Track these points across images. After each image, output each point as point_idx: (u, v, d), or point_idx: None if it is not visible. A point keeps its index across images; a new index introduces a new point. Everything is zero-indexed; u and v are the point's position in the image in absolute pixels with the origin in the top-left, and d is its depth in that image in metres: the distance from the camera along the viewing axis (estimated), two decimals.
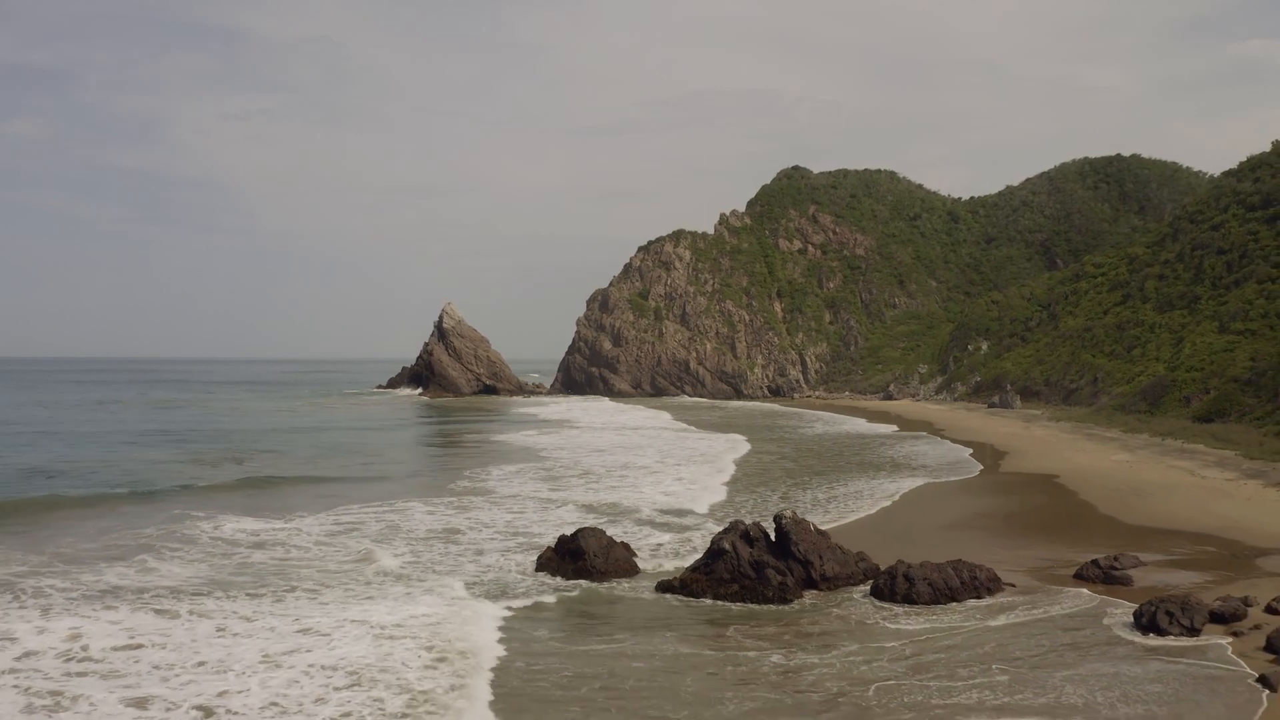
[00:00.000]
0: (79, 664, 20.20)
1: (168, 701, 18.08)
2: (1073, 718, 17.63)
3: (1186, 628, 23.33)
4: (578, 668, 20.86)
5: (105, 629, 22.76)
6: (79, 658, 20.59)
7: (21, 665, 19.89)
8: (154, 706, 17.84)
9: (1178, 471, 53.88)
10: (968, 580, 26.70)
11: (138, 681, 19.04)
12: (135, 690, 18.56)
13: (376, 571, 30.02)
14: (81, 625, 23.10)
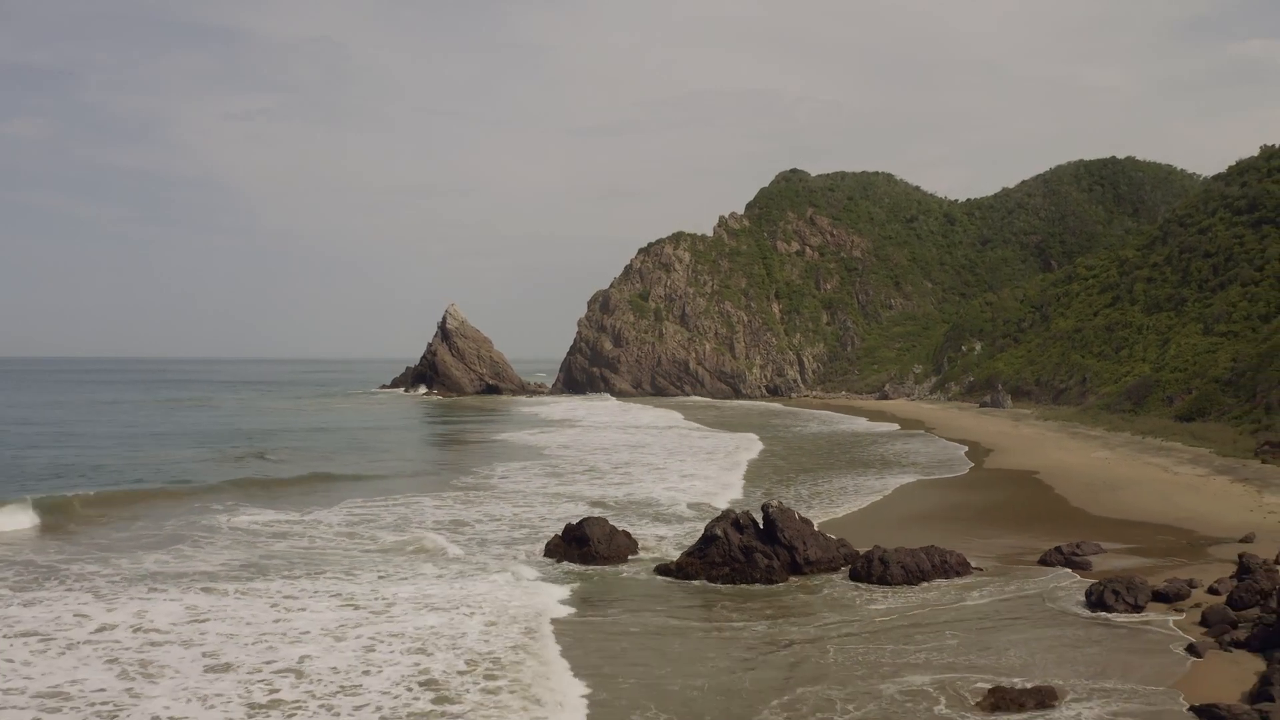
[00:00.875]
0: (151, 635, 22.75)
1: (250, 666, 20.56)
2: (1011, 675, 20.25)
3: (1131, 605, 25.98)
4: (593, 633, 23.60)
5: (164, 607, 25.37)
6: (148, 629, 23.20)
7: (100, 638, 22.46)
8: (238, 671, 20.27)
9: (1152, 468, 56.54)
10: (938, 563, 29.37)
11: (215, 650, 21.55)
12: (215, 659, 21.04)
13: (411, 554, 32.76)
14: (138, 604, 25.69)
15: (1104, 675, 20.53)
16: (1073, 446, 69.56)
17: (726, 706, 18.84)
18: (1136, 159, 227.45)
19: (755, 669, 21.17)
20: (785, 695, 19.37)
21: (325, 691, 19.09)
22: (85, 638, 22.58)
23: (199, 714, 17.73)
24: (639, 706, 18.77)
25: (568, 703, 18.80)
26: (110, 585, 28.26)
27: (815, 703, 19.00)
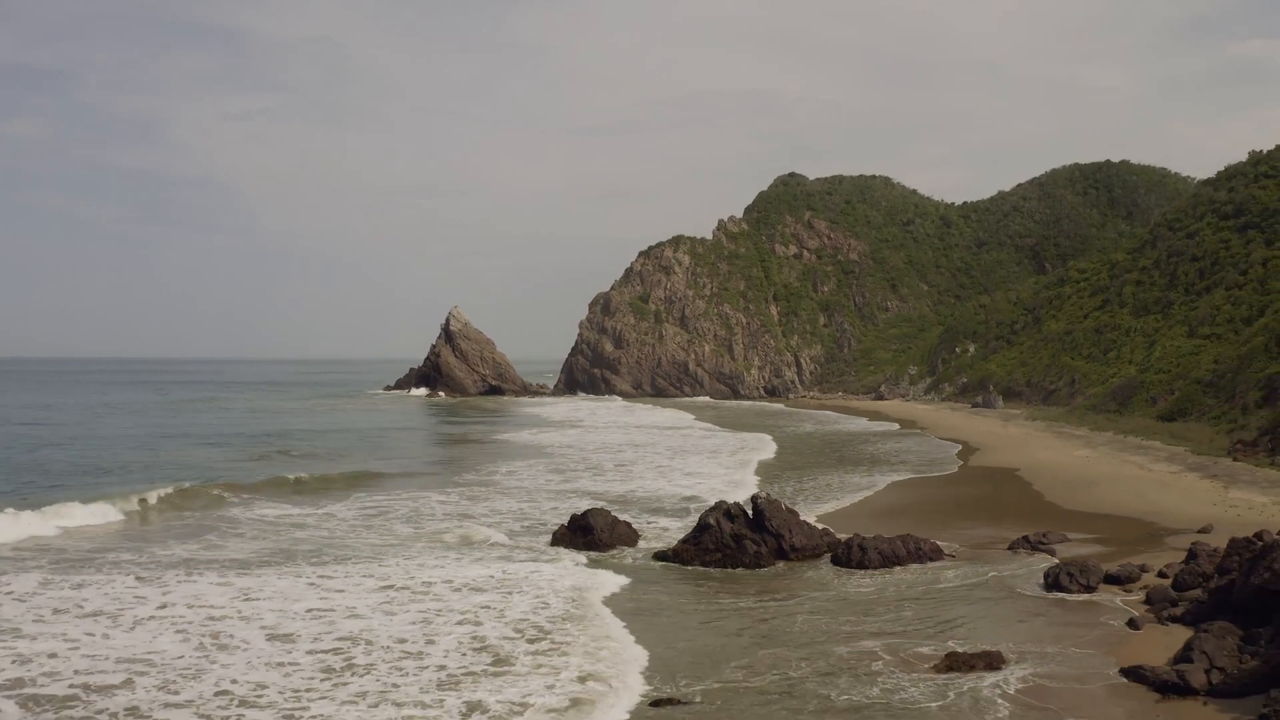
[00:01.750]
0: (207, 610, 25.46)
1: (311, 635, 23.20)
2: (964, 643, 22.95)
3: (1084, 586, 28.70)
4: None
5: (210, 588, 28.08)
6: (202, 605, 25.91)
7: (165, 614, 25.19)
8: (301, 640, 22.85)
9: (1129, 465, 59.24)
10: (912, 550, 32.09)
11: (274, 624, 24.17)
12: (276, 630, 23.72)
13: (427, 542, 35.50)
14: (184, 586, 28.37)
15: (1048, 644, 23.26)
16: (1056, 445, 72.27)
17: (697, 664, 21.62)
18: (1131, 162, 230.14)
19: (730, 636, 23.97)
20: (747, 657, 22.20)
21: (392, 657, 21.63)
22: (152, 613, 25.30)
23: (277, 679, 20.24)
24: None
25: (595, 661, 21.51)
26: (147, 570, 30.61)
27: (773, 661, 21.93)
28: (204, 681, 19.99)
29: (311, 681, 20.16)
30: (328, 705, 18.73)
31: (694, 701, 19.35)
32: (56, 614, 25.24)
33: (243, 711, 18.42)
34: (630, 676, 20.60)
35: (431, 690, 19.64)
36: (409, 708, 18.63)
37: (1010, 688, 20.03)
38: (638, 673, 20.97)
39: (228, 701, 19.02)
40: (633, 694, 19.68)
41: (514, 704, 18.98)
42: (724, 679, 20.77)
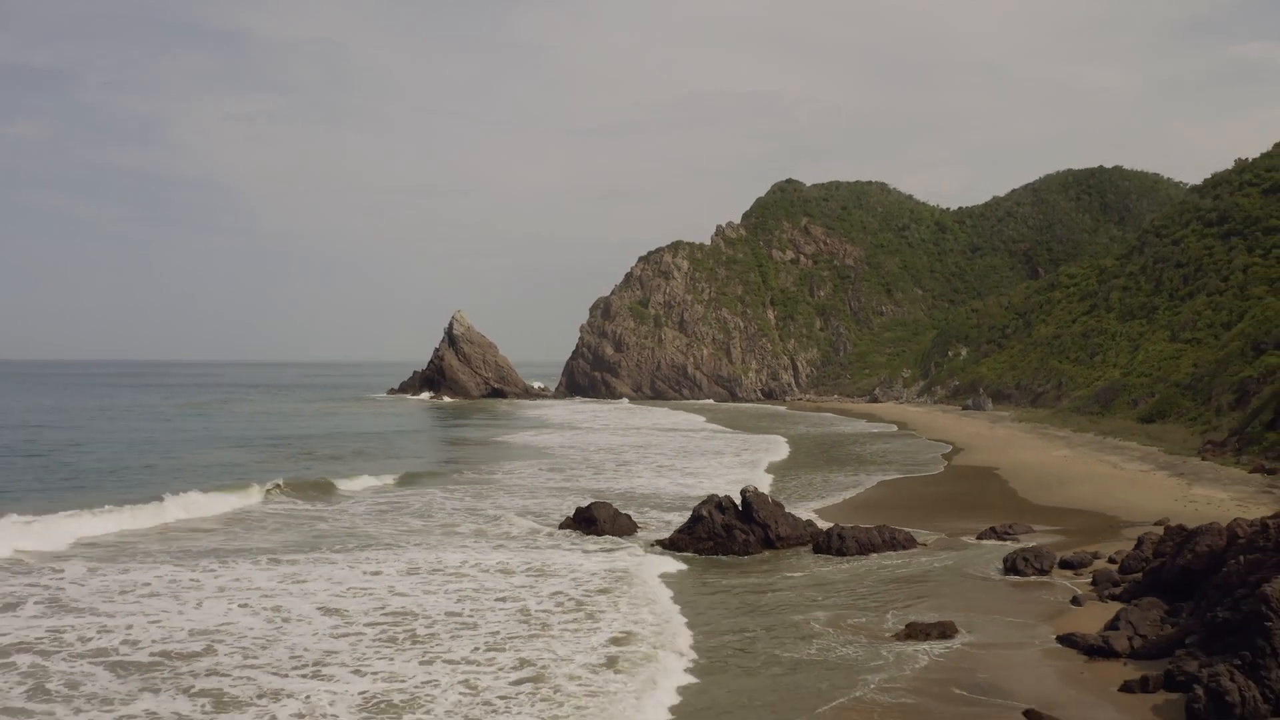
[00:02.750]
0: (256, 589, 28.57)
1: (359, 610, 26.18)
2: (923, 615, 26.09)
3: (1038, 569, 31.84)
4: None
5: (249, 571, 31.22)
6: (250, 587, 29.03)
7: (231, 586, 28.40)
8: (351, 614, 25.81)
9: (1103, 465, 62.37)
10: (887, 538, 35.25)
11: (325, 602, 27.12)
12: (326, 605, 26.75)
13: (445, 530, 38.65)
14: (225, 570, 31.46)
15: (998, 617, 26.41)
16: (1038, 446, 75.43)
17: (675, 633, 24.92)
18: (1124, 168, 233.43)
19: (704, 610, 27.20)
20: (713, 625, 25.43)
21: (449, 629, 24.56)
22: (214, 590, 28.47)
23: (343, 646, 23.13)
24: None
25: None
26: (180, 559, 33.27)
27: (736, 627, 25.34)
28: (276, 648, 22.99)
29: (375, 646, 23.16)
30: (392, 665, 21.71)
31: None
32: (154, 595, 28.34)
33: (319, 669, 21.44)
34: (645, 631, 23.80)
35: (483, 651, 22.79)
36: (463, 666, 21.70)
37: (935, 652, 23.21)
38: (627, 627, 24.16)
39: (300, 663, 22.00)
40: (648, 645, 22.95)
41: (560, 657, 22.35)
42: (693, 642, 24.03)
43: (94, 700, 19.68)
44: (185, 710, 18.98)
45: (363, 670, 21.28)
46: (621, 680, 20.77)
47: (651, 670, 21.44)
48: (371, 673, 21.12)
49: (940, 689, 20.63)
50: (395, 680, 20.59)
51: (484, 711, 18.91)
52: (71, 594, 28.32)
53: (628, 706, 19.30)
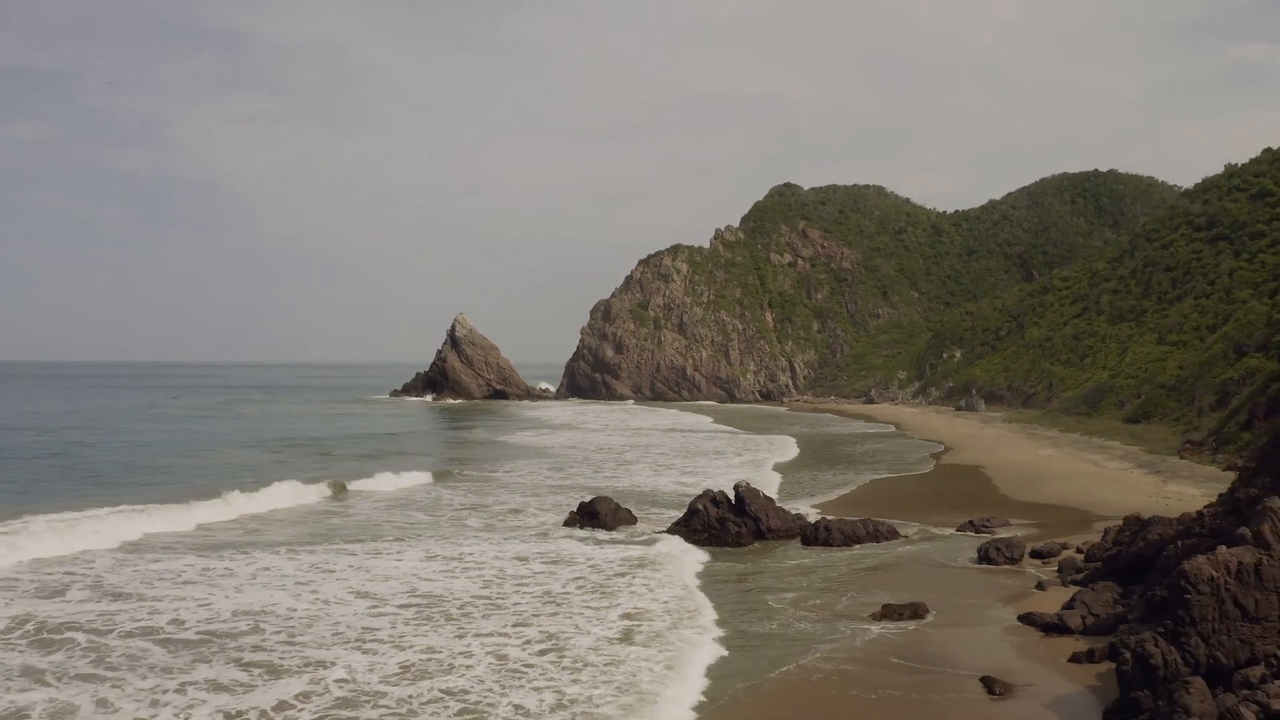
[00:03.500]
0: (287, 576, 30.96)
1: (391, 593, 28.59)
2: (886, 596, 28.55)
3: (1009, 558, 34.30)
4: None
5: (272, 559, 33.66)
6: (279, 572, 31.48)
7: (262, 575, 30.85)
8: (384, 597, 28.17)
9: (1085, 463, 64.82)
10: (871, 531, 37.71)
11: (357, 586, 29.48)
12: (356, 588, 29.17)
13: (455, 524, 41.11)
14: (252, 560, 33.86)
15: (967, 600, 28.88)
16: (1025, 445, 77.91)
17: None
18: (1119, 171, 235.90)
19: (711, 587, 29.73)
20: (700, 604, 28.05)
21: (482, 610, 26.93)
22: (249, 577, 30.95)
23: (382, 624, 25.49)
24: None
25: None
26: (200, 551, 35.47)
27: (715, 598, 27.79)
28: (319, 626, 25.40)
29: (411, 624, 25.59)
30: (428, 639, 24.15)
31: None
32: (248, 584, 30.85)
33: (360, 643, 23.85)
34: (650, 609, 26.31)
35: (511, 626, 25.36)
36: (494, 638, 24.18)
37: (894, 628, 25.72)
38: (624, 613, 26.68)
39: (342, 638, 24.39)
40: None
41: (577, 628, 25.05)
42: (708, 619, 26.57)
43: (153, 673, 22.08)
44: (241, 678, 21.40)
45: (401, 644, 23.68)
46: (637, 650, 23.30)
47: (659, 644, 23.92)
48: (410, 646, 23.53)
49: (881, 658, 23.15)
50: (432, 652, 23.02)
51: (513, 677, 21.37)
52: (118, 581, 30.80)
53: (639, 671, 21.79)
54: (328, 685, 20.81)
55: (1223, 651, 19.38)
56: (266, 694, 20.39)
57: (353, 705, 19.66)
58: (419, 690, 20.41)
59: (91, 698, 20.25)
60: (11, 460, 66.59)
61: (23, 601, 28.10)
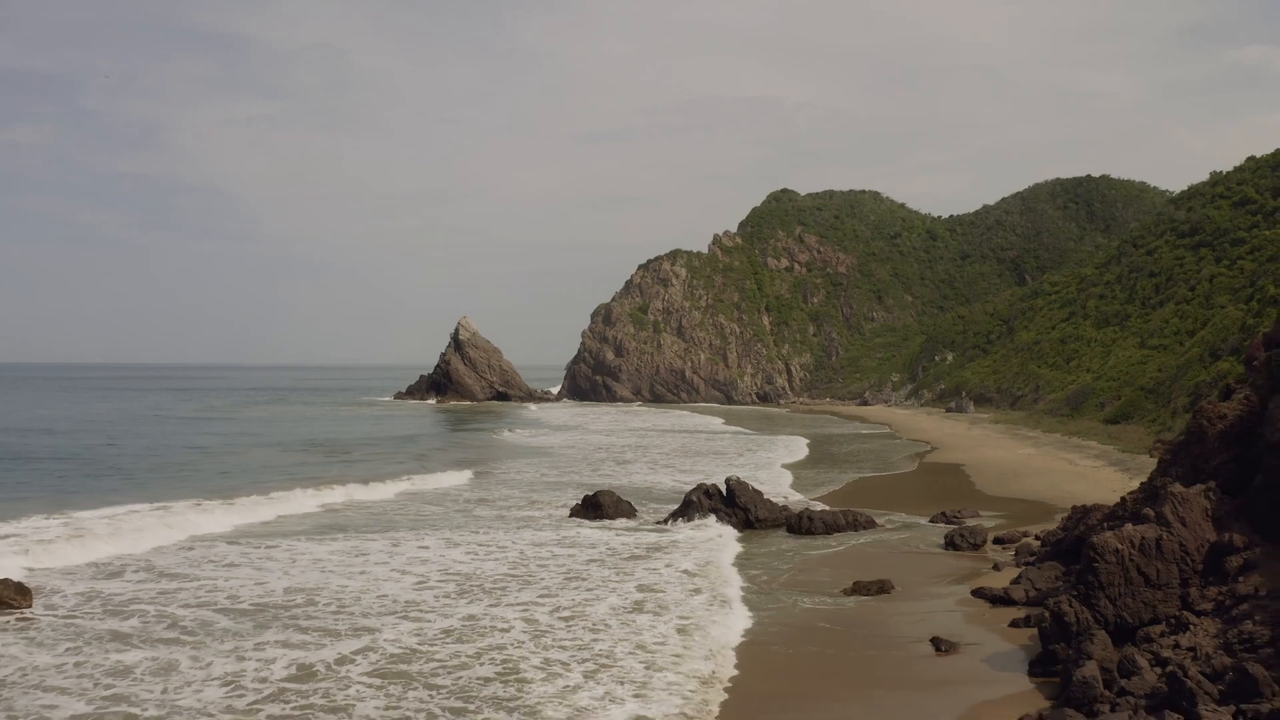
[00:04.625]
0: (326, 560, 34.86)
1: (425, 571, 32.39)
2: (858, 575, 32.40)
3: (972, 544, 38.18)
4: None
5: (307, 546, 37.53)
6: (320, 556, 35.34)
7: (295, 563, 34.71)
8: (418, 575, 31.89)
9: (1061, 461, 68.66)
10: (851, 520, 41.60)
11: (397, 567, 33.30)
12: (396, 569, 32.98)
13: (463, 515, 44.98)
14: (288, 547, 37.72)
15: (930, 578, 32.77)
16: (1007, 445, 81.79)
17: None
18: (1111, 177, 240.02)
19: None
20: (699, 583, 31.81)
21: (512, 585, 30.76)
22: (289, 562, 34.82)
23: (425, 597, 29.23)
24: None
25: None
26: (231, 540, 39.72)
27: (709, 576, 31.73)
28: (366, 599, 29.23)
29: (450, 598, 29.44)
30: (469, 608, 28.01)
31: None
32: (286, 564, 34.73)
33: (405, 613, 27.70)
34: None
35: (541, 597, 29.29)
36: (530, 608, 28.10)
37: (852, 601, 29.76)
38: (638, 585, 30.59)
39: (389, 610, 28.24)
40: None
41: (597, 598, 29.04)
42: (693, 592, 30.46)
43: (228, 637, 25.96)
44: (304, 640, 25.26)
45: (443, 613, 27.53)
46: (648, 618, 27.20)
47: (666, 611, 27.85)
48: (451, 615, 27.39)
49: (847, 624, 27.07)
50: (472, 619, 26.86)
51: (544, 636, 25.32)
52: (169, 564, 34.68)
53: (644, 630, 25.73)
54: (381, 645, 24.67)
55: (1128, 612, 23.27)
56: (329, 651, 24.23)
57: (406, 660, 23.52)
58: (463, 648, 24.30)
59: (185, 655, 24.12)
60: (44, 462, 70.34)
61: (85, 582, 31.86)
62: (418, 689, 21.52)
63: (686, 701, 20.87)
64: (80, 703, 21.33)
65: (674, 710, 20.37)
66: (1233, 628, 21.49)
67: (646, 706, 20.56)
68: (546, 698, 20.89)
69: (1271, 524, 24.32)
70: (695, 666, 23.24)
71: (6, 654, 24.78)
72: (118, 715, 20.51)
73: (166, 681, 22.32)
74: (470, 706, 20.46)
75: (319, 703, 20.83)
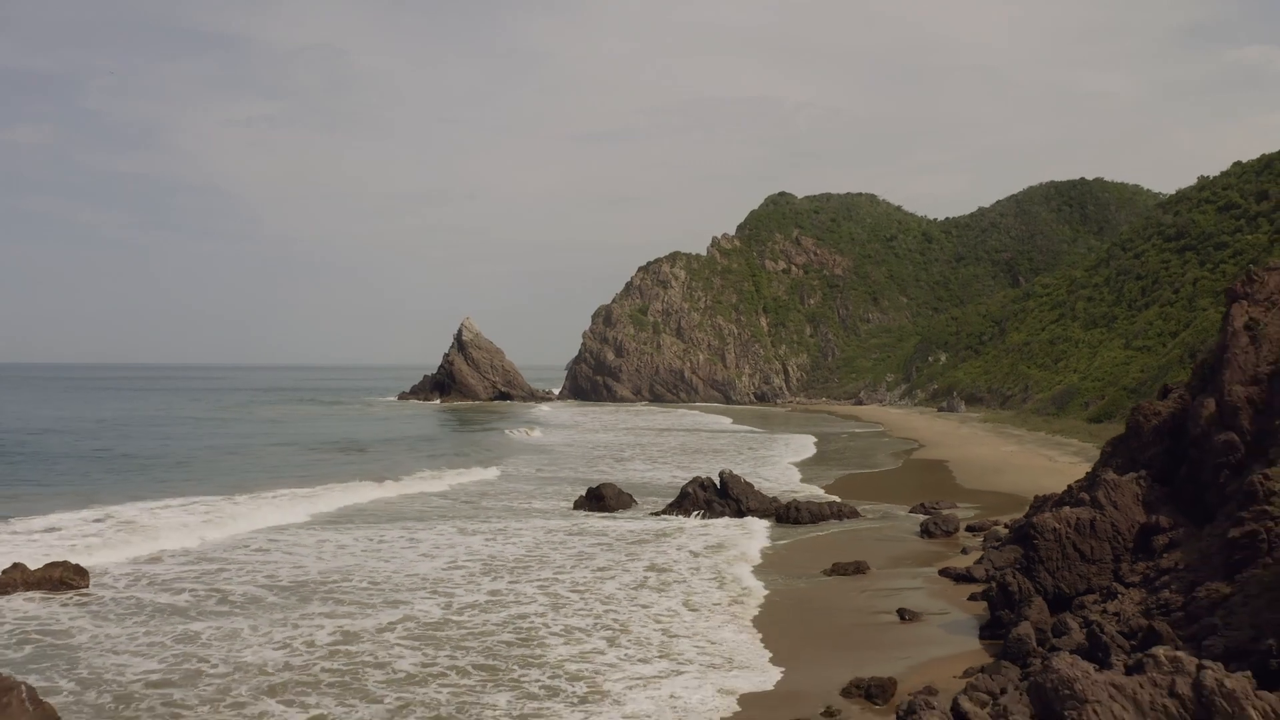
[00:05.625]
0: (353, 547, 38.33)
1: (450, 555, 36.04)
2: (838, 558, 35.82)
3: (945, 532, 41.59)
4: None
5: (341, 537, 40.97)
6: (345, 543, 38.79)
7: (322, 548, 38.19)
8: (443, 558, 35.42)
9: (1041, 458, 72.03)
10: (835, 510, 45.03)
11: (426, 551, 36.91)
12: (421, 554, 36.49)
13: (475, 506, 48.42)
14: (320, 535, 41.14)
15: (903, 560, 36.19)
16: (992, 443, 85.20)
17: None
18: (1105, 180, 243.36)
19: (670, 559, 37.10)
20: (700, 562, 35.24)
21: (531, 564, 34.30)
22: (314, 546, 38.26)
23: (453, 575, 32.76)
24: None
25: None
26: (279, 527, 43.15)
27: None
28: (397, 578, 32.68)
29: (474, 576, 32.94)
30: (493, 584, 31.56)
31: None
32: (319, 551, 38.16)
33: (435, 589, 31.14)
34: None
35: (557, 573, 32.97)
36: (548, 584, 31.68)
37: (839, 580, 33.15)
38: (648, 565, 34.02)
39: (420, 586, 31.67)
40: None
41: (609, 576, 32.66)
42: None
43: (275, 609, 29.38)
44: (346, 611, 28.67)
45: (470, 589, 31.10)
46: (649, 593, 30.77)
47: (669, 586, 31.32)
48: (477, 590, 31.00)
49: (825, 598, 30.49)
50: (496, 594, 30.44)
51: (563, 606, 28.85)
52: (210, 550, 38.12)
53: (656, 603, 29.18)
54: (415, 615, 28.11)
55: (1065, 583, 26.72)
56: (369, 621, 27.65)
57: (440, 627, 26.95)
58: (490, 616, 27.79)
59: (240, 624, 27.54)
60: (74, 460, 73.66)
61: (132, 566, 35.17)
62: (450, 650, 24.94)
63: (700, 653, 24.38)
64: (152, 662, 24.73)
65: (688, 659, 23.88)
66: (1153, 596, 24.93)
67: (668, 663, 23.97)
68: (568, 658, 24.30)
69: (1194, 508, 27.71)
70: (699, 628, 26.78)
71: (75, 625, 28.18)
72: (187, 671, 23.88)
73: (228, 646, 25.71)
74: (500, 664, 23.87)
75: (366, 659, 24.26)
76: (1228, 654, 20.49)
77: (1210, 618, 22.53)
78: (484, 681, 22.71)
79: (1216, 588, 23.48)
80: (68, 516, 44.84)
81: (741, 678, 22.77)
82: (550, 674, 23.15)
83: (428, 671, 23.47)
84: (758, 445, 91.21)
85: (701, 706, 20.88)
